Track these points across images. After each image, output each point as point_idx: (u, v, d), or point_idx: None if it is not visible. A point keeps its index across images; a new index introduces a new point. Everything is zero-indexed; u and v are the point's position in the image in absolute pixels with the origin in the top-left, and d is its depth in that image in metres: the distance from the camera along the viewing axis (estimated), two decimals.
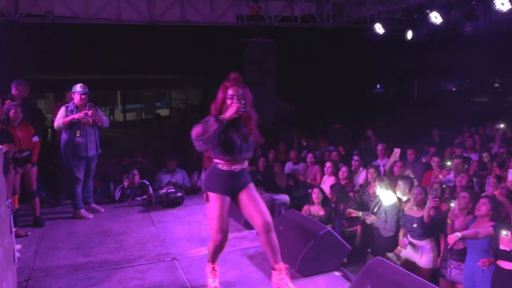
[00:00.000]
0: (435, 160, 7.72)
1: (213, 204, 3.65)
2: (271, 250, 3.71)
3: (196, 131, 3.44)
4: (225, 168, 3.67)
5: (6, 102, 5.86)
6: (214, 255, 3.88)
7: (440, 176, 7.34)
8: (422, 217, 5.44)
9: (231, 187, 3.72)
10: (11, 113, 5.72)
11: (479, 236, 4.74)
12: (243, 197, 3.75)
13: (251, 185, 3.82)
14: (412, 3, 9.06)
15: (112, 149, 10.95)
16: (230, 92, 3.59)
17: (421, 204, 5.59)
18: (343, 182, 7.35)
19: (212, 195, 3.67)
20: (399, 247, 5.74)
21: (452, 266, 5.24)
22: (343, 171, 7.47)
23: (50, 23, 8.84)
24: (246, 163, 3.81)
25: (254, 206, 3.73)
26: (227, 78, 3.68)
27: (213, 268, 3.93)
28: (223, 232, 3.67)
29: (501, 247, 4.58)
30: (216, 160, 3.67)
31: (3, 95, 6.05)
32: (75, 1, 8.99)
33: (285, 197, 6.98)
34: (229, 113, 3.52)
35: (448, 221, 5.28)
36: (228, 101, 3.59)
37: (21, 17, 8.62)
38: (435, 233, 5.59)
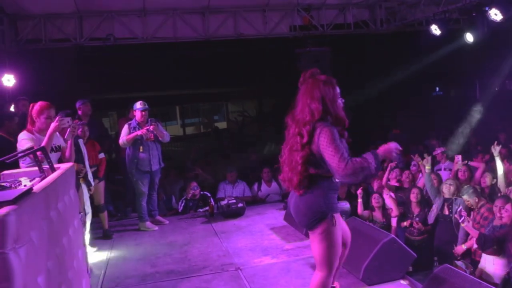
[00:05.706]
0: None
1: (338, 227, 3.06)
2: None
3: (355, 167, 2.86)
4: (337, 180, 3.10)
5: (74, 122, 6.20)
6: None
7: None
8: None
9: None
10: (79, 132, 6.03)
11: None
12: None
13: None
14: (470, 1, 8.71)
15: (173, 163, 11.25)
16: (338, 91, 3.25)
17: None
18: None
19: (336, 216, 3.08)
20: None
21: None
22: (406, 174, 7.30)
23: (111, 45, 9.24)
24: None
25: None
26: (313, 75, 3.40)
27: None
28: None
29: None
30: (327, 175, 3.04)
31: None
32: (134, 23, 9.35)
33: (345, 205, 6.87)
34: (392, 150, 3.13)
35: None
36: (340, 101, 3.27)
37: (85, 41, 9.08)
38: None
